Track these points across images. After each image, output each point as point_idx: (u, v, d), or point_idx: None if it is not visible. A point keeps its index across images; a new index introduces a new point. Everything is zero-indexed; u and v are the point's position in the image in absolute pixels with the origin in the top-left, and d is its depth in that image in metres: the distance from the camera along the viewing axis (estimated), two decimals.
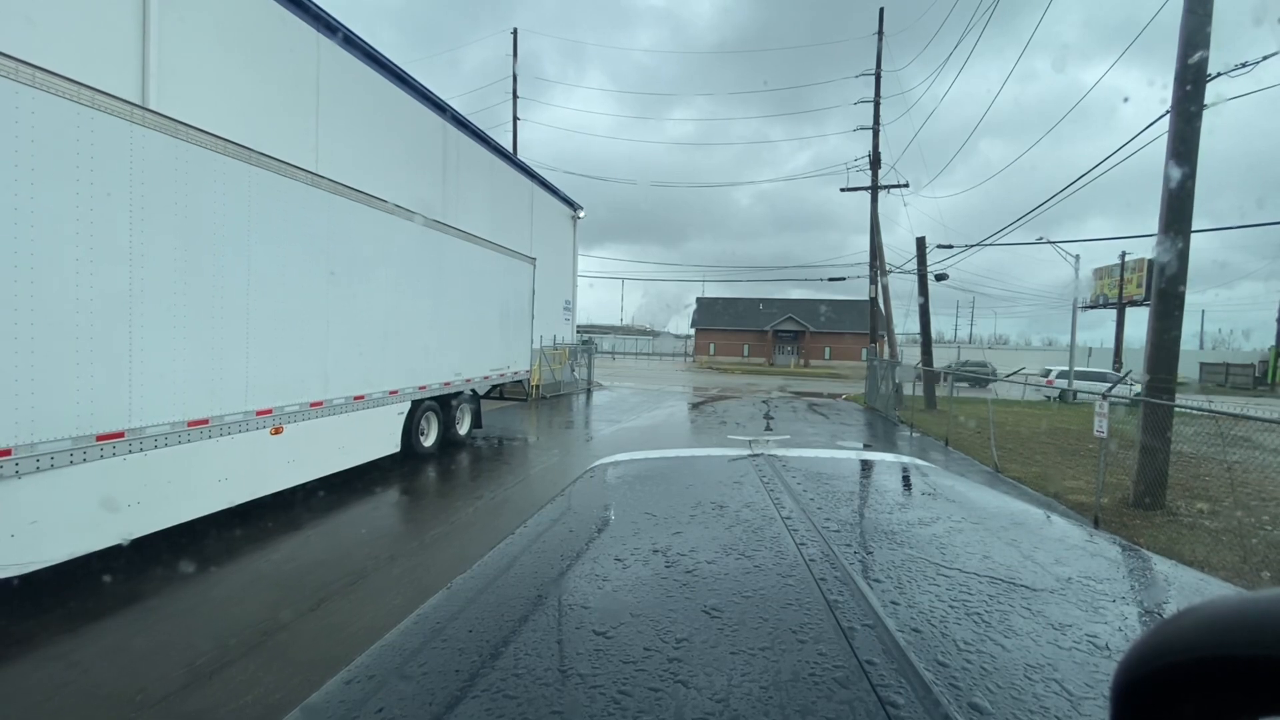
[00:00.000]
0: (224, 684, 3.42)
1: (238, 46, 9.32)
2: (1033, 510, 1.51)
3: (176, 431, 5.12)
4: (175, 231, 5.06)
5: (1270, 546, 6.60)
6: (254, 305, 5.87)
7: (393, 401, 8.36)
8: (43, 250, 4.08)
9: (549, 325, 20.60)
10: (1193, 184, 7.43)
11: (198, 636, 3.93)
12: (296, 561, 5.25)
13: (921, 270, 18.77)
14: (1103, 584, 1.03)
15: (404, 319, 8.49)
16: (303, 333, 6.59)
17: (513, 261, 12.25)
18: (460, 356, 10.14)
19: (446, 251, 9.56)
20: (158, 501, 5.00)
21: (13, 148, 3.90)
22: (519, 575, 1.08)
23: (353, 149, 11.81)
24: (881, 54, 24.24)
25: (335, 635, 4.01)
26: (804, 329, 52.60)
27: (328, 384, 6.99)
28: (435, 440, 9.78)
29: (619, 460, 1.99)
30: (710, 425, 15.00)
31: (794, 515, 1.32)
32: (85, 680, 3.45)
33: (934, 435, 13.95)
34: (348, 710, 0.69)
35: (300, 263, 6.51)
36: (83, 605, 4.26)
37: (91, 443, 4.45)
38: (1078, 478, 9.63)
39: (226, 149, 5.53)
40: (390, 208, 8.12)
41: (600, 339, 45.97)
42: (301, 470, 6.65)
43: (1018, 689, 0.69)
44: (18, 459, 4.00)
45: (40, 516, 4.19)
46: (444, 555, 5.56)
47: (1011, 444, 12.45)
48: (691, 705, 0.66)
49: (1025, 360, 38.76)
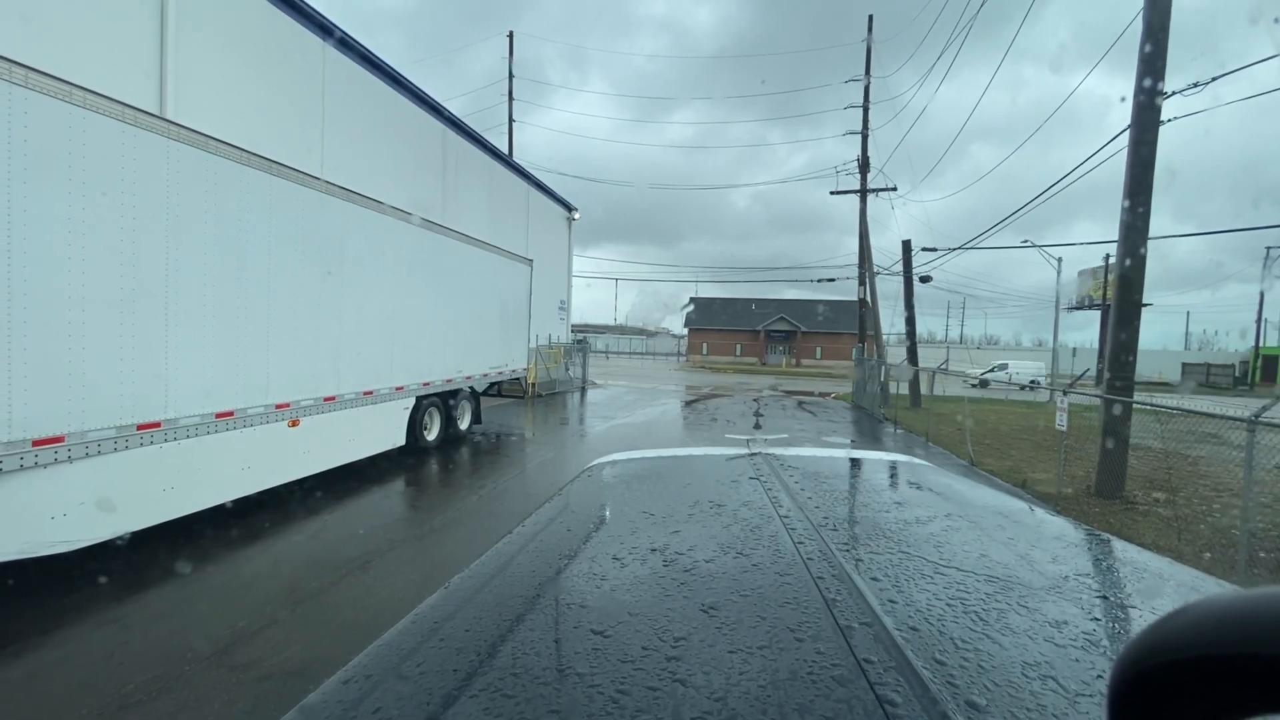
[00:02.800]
0: (265, 642, 3.86)
1: (249, 55, 9.71)
2: (1030, 509, 1.54)
3: (206, 423, 5.55)
4: (205, 237, 5.48)
5: (1215, 531, 7.14)
6: (274, 306, 6.30)
7: (399, 397, 8.79)
8: (93, 256, 4.51)
9: (545, 325, 21.02)
10: (1149, 201, 7.96)
11: (235, 604, 4.36)
12: (319, 541, 5.69)
13: (907, 273, 19.34)
14: (1099, 582, 1.03)
15: (409, 319, 8.92)
16: (317, 331, 7.02)
17: (510, 263, 12.70)
18: (461, 355, 10.58)
19: (447, 254, 10.00)
20: (190, 486, 5.42)
21: (70, 165, 4.32)
22: (517, 574, 1.08)
23: (356, 154, 12.21)
24: (870, 60, 24.82)
25: (360, 603, 4.45)
26: (796, 329, 53.25)
27: (340, 380, 7.42)
28: (438, 435, 10.22)
29: (617, 459, 2.00)
30: (701, 422, 15.49)
31: (791, 514, 1.33)
32: (140, 641, 3.88)
33: (916, 432, 14.49)
34: (345, 710, 0.70)
35: (315, 266, 6.93)
36: (128, 579, 4.68)
37: (133, 432, 4.87)
38: (1047, 470, 10.16)
39: (250, 160, 5.95)
40: (395, 213, 8.55)
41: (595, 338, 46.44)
42: (316, 460, 7.08)
43: (1015, 687, 0.69)
44: (70, 445, 4.42)
45: (88, 498, 4.61)
46: (452, 538, 6.01)
47: (990, 440, 13.01)
48: (689, 704, 0.66)
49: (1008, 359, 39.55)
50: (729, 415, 16.85)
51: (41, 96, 4.13)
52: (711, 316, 57.38)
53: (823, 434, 13.97)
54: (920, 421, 15.38)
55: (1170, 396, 15.72)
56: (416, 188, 14.39)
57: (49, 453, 4.27)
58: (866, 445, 12.91)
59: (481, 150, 18.54)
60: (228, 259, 5.74)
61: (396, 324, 8.64)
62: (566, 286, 26.26)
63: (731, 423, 15.36)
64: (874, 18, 25.08)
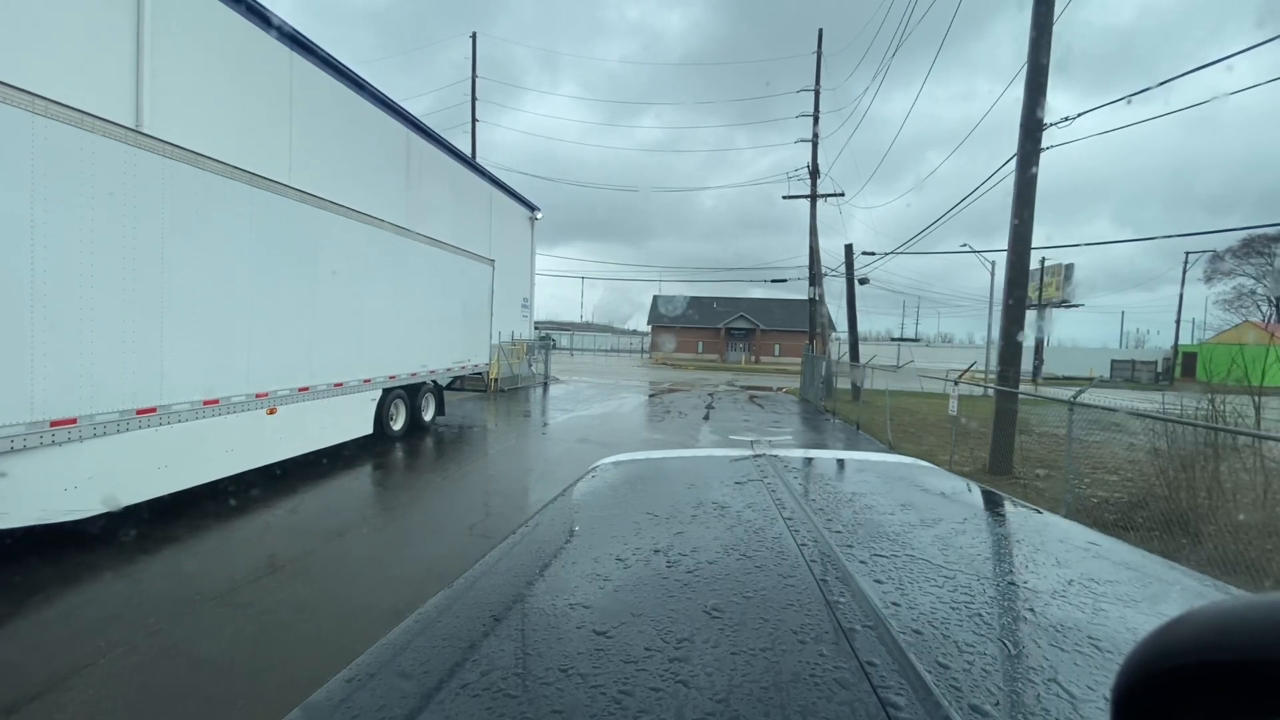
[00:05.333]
0: (261, 589, 4.62)
1: (221, 65, 10.21)
2: (1035, 512, 1.53)
3: (195, 409, 6.21)
4: (195, 243, 6.14)
5: (1077, 499, 8.43)
6: (254, 304, 6.97)
7: (366, 389, 9.48)
8: (98, 262, 5.16)
9: (508, 322, 21.69)
10: (1031, 216, 9.23)
11: (231, 563, 5.10)
12: (298, 515, 6.42)
13: (850, 274, 20.72)
14: (1104, 586, 1.03)
15: (375, 317, 9.61)
16: (292, 328, 7.69)
17: (473, 263, 13.42)
18: (425, 351, 11.29)
19: (412, 255, 10.70)
20: (181, 466, 6.09)
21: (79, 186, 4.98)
22: (520, 575, 1.09)
23: (323, 159, 12.75)
24: (820, 72, 26.19)
25: (341, 563, 5.23)
26: (755, 327, 54.88)
27: (313, 373, 8.10)
28: (404, 425, 10.92)
29: (620, 460, 2.02)
30: (656, 414, 16.46)
31: (795, 516, 1.33)
32: (154, 589, 4.60)
33: (850, 421, 15.78)
34: (349, 709, 0.70)
35: (289, 268, 7.60)
36: (135, 545, 5.35)
37: (133, 415, 5.53)
38: (959, 453, 11.46)
39: (234, 174, 6.61)
40: (363, 218, 9.23)
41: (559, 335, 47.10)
42: (291, 445, 7.76)
43: (1019, 691, 0.70)
44: (81, 426, 5.08)
45: (95, 473, 5.26)
46: (418, 511, 6.79)
47: (915, 427, 14.34)
48: (692, 705, 0.67)
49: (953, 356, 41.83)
50: (682, 408, 17.87)
51: (57, 124, 4.78)
52: (674, 315, 58.59)
53: (766, 424, 15.11)
54: (857, 412, 16.67)
55: (1060, 389, 17.39)
56: (382, 191, 14.95)
57: (64, 432, 4.93)
58: (804, 432, 14.07)
59: (445, 153, 19.11)
60: (215, 262, 6.40)
61: (364, 322, 9.32)
62: (529, 284, 26.94)
63: (684, 414, 16.37)
64: (823, 32, 26.48)
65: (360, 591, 4.68)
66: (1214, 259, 46.45)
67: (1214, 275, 47.43)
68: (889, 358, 35.71)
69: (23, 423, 4.61)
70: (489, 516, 6.74)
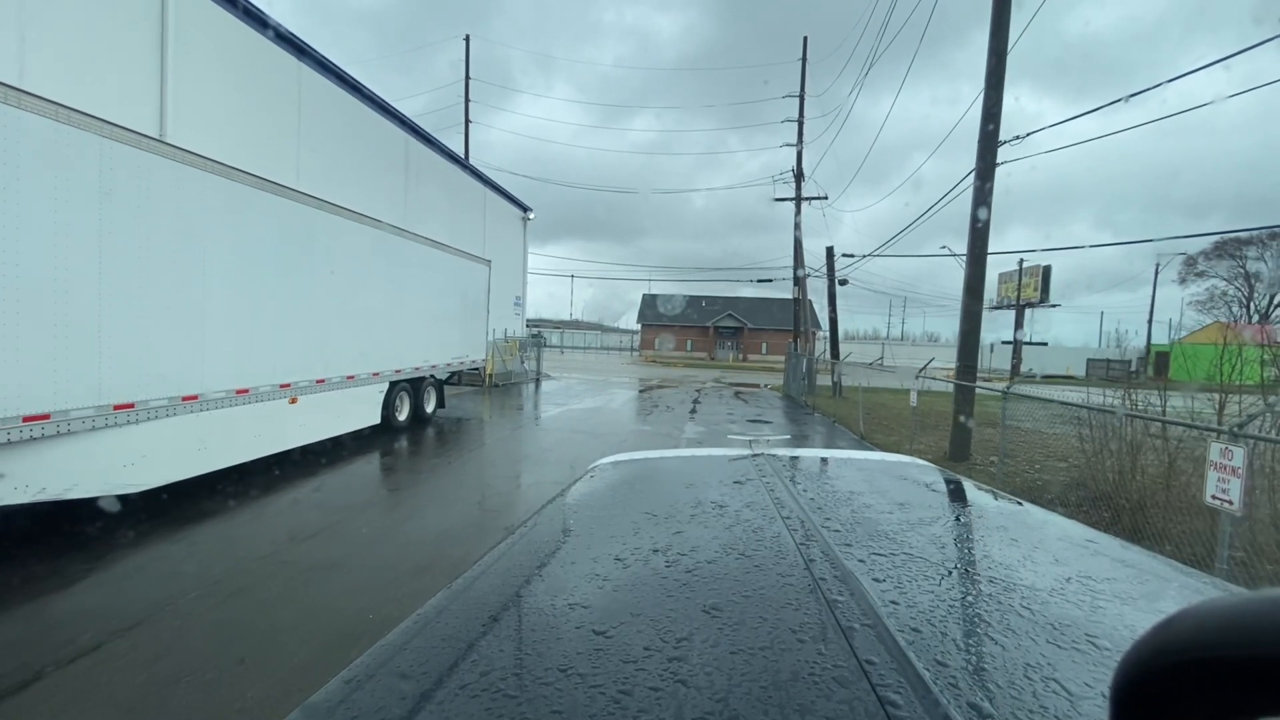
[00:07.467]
0: (300, 551, 5.35)
1: (235, 76, 10.85)
2: (1032, 510, 1.54)
3: (229, 397, 6.91)
4: (229, 247, 6.83)
5: (1026, 484, 9.33)
6: (277, 302, 7.67)
7: (375, 382, 10.18)
8: (153, 268, 5.85)
9: (501, 320, 22.38)
10: (989, 221, 10.10)
11: (269, 531, 5.82)
12: (322, 493, 7.14)
13: (831, 275, 21.60)
14: (1102, 584, 1.03)
15: (382, 314, 10.32)
16: (309, 323, 8.39)
17: (470, 264, 14.13)
18: (427, 346, 12.01)
19: (414, 256, 11.40)
20: (217, 448, 6.79)
21: (135, 194, 5.67)
22: (519, 575, 1.09)
23: (328, 164, 13.40)
24: (805, 79, 27.04)
25: (366, 531, 5.97)
26: (743, 325, 55.82)
27: (327, 365, 8.80)
28: (408, 416, 11.63)
29: (619, 460, 2.01)
30: (644, 408, 17.25)
31: (794, 515, 1.34)
32: (207, 551, 5.32)
33: (829, 415, 16.66)
34: (348, 710, 0.70)
35: (306, 269, 8.30)
36: (183, 516, 6.05)
37: (179, 402, 6.23)
38: (924, 443, 12.35)
39: (262, 185, 7.30)
40: (371, 222, 9.92)
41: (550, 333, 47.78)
42: (309, 432, 8.46)
43: (1017, 688, 0.70)
44: (138, 410, 5.78)
45: (147, 452, 5.96)
46: (425, 491, 7.54)
47: (888, 421, 15.22)
48: (691, 704, 0.67)
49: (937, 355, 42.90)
50: (669, 403, 18.68)
51: (119, 145, 5.47)
52: (664, 313, 59.39)
53: (748, 417, 15.95)
54: (837, 407, 17.58)
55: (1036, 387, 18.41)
56: (383, 194, 15.61)
57: (124, 415, 5.63)
58: (785, 425, 14.92)
59: (441, 156, 19.76)
60: (243, 264, 7.09)
61: (371, 319, 10.02)
62: (522, 283, 27.63)
63: (671, 409, 17.17)
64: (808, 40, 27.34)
65: (384, 554, 5.42)
66: (1188, 262, 48.07)
67: (1188, 277, 49.06)
68: (871, 356, 36.79)
69: (93, 405, 5.31)
70: (493, 495, 7.47)
